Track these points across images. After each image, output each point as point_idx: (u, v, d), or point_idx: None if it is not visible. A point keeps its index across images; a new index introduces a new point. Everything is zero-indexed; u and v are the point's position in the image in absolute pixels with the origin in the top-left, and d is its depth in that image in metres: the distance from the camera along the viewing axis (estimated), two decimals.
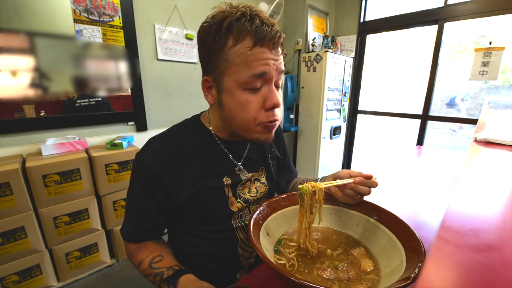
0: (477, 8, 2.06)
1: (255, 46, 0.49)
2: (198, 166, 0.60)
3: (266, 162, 0.72)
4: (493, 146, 0.68)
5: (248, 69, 0.50)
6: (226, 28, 0.49)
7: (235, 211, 0.64)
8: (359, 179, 0.56)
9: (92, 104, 1.64)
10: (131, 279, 1.53)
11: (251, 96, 0.52)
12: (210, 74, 0.55)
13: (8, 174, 1.18)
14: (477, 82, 2.54)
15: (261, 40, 0.49)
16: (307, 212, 0.53)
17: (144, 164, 0.58)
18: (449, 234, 0.28)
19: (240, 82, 0.51)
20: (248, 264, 0.68)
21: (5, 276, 1.26)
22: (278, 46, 0.52)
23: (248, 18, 0.49)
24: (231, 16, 0.49)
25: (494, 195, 0.41)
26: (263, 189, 0.70)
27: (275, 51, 0.52)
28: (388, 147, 4.03)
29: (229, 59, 0.50)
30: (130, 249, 0.63)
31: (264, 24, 0.49)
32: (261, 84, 0.52)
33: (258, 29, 0.48)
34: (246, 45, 0.49)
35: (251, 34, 0.49)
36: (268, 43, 0.50)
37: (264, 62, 0.50)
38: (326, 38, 2.59)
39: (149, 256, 0.60)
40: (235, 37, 0.49)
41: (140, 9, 1.75)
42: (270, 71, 0.51)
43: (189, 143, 0.61)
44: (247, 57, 0.49)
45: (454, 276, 0.22)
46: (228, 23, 0.49)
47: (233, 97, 0.53)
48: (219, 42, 0.50)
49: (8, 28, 1.29)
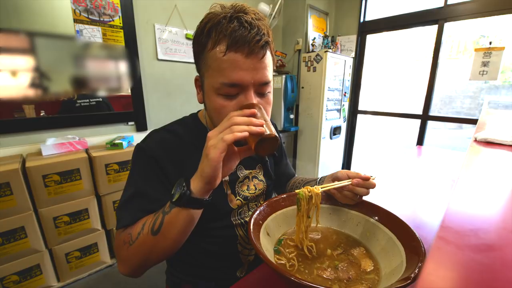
0: (477, 8, 2.06)
1: (229, 51, 0.46)
2: (195, 162, 0.60)
3: (263, 160, 0.73)
4: (493, 146, 0.68)
5: (220, 76, 0.48)
6: (207, 31, 0.48)
7: (235, 208, 0.64)
8: (356, 181, 0.56)
9: (92, 104, 1.64)
10: (131, 279, 1.53)
11: (226, 101, 0.50)
12: (198, 74, 0.56)
13: (8, 174, 1.18)
14: (477, 82, 2.54)
15: (235, 44, 0.45)
16: (304, 216, 0.53)
17: (143, 149, 0.56)
18: (449, 234, 0.28)
19: (214, 87, 0.50)
20: (248, 261, 0.68)
21: (5, 276, 1.26)
22: (257, 52, 0.47)
23: (227, 21, 0.46)
24: (214, 18, 0.47)
25: (494, 195, 0.41)
26: (261, 186, 0.70)
27: (253, 57, 0.47)
28: (388, 147, 4.03)
29: (207, 63, 0.49)
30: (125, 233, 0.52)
31: (242, 26, 0.46)
32: (236, 92, 0.50)
33: (233, 33, 0.45)
34: (220, 50, 0.46)
35: (226, 38, 0.46)
36: (243, 48, 0.46)
37: (237, 69, 0.47)
38: (326, 38, 2.59)
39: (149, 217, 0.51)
40: (213, 40, 0.47)
41: (140, 9, 1.75)
42: (244, 81, 0.48)
43: (188, 137, 0.61)
44: (220, 62, 0.47)
45: (454, 276, 0.22)
46: (210, 26, 0.47)
47: (210, 100, 0.52)
48: (201, 44, 0.49)
49: (8, 28, 1.29)
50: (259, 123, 0.44)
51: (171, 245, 0.49)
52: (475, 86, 2.69)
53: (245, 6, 0.50)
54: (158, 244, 0.48)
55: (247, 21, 0.46)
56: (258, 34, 0.47)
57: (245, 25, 0.46)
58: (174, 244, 0.49)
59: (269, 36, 0.50)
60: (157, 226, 0.47)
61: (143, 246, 0.48)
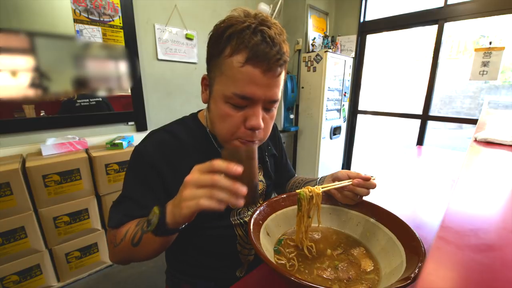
0: (477, 8, 2.06)
1: (247, 64, 0.46)
2: (195, 162, 0.60)
3: (263, 160, 0.73)
4: (493, 146, 0.68)
5: (233, 86, 0.48)
6: (228, 37, 0.47)
7: (234, 208, 0.64)
8: (357, 181, 0.56)
9: (92, 104, 1.64)
10: (131, 279, 1.53)
11: (233, 111, 0.50)
12: (208, 74, 0.55)
13: (8, 174, 1.18)
14: (477, 82, 2.54)
15: (255, 58, 0.45)
16: (304, 216, 0.53)
17: (141, 154, 0.57)
18: (449, 234, 0.28)
19: (224, 94, 0.49)
20: (248, 261, 0.68)
21: (5, 276, 1.26)
22: (274, 70, 0.47)
23: (251, 32, 0.46)
24: (237, 25, 0.46)
25: (494, 195, 0.41)
26: (261, 186, 0.70)
27: (270, 74, 0.47)
28: (388, 147, 4.03)
29: (221, 68, 0.49)
30: (112, 233, 0.56)
31: (265, 41, 0.45)
32: (245, 104, 0.50)
33: (255, 46, 0.45)
34: (239, 60, 0.46)
35: (247, 49, 0.45)
36: (262, 64, 0.46)
37: (252, 84, 0.47)
38: (326, 38, 2.59)
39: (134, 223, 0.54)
40: (232, 48, 0.46)
41: (140, 9, 1.75)
42: (255, 96, 0.48)
43: (188, 138, 0.61)
44: (236, 73, 0.47)
45: (454, 276, 0.22)
46: (231, 32, 0.46)
47: (216, 105, 0.52)
48: (218, 48, 0.48)
49: (8, 28, 1.29)
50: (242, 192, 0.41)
51: (150, 255, 0.52)
52: (475, 86, 2.69)
53: (269, 18, 0.49)
54: (138, 254, 0.51)
55: (270, 36, 0.46)
56: (279, 52, 0.47)
57: (267, 40, 0.46)
58: (153, 254, 0.52)
59: (287, 55, 0.50)
60: (136, 239, 0.49)
61: (125, 253, 0.52)
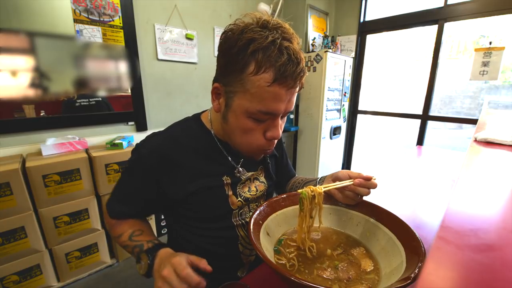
0: (477, 8, 2.06)
1: (274, 83, 0.47)
2: (197, 165, 0.61)
3: (265, 162, 0.73)
4: (493, 146, 0.68)
5: (259, 104, 0.49)
6: (252, 53, 0.46)
7: (235, 209, 0.64)
8: (358, 181, 0.56)
9: (92, 104, 1.64)
10: (131, 279, 1.53)
11: (255, 125, 0.53)
12: (223, 85, 0.53)
13: (8, 174, 1.18)
14: (477, 82, 2.54)
15: (283, 79, 0.46)
16: (306, 216, 0.53)
17: (140, 155, 0.59)
18: (449, 234, 0.28)
19: (248, 111, 0.50)
20: (249, 261, 0.69)
21: (5, 276, 1.26)
22: (297, 86, 0.50)
23: (276, 49, 0.46)
24: (260, 40, 0.46)
25: (494, 195, 0.41)
26: (262, 187, 0.71)
27: (293, 90, 0.50)
28: (388, 147, 4.03)
29: (245, 85, 0.48)
30: (111, 222, 0.65)
31: (291, 61, 0.46)
32: (267, 118, 0.52)
33: (283, 66, 0.46)
34: (266, 79, 0.46)
35: (274, 69, 0.46)
36: (289, 82, 0.48)
37: (278, 101, 0.49)
38: (326, 38, 2.59)
39: (128, 230, 0.61)
40: (257, 65, 0.46)
41: (140, 9, 1.75)
42: (279, 111, 0.51)
43: (190, 141, 0.61)
44: (263, 92, 0.47)
45: (454, 276, 0.22)
46: (254, 48, 0.46)
47: (238, 119, 0.53)
48: (241, 63, 0.47)
49: (8, 28, 1.29)
50: None
51: None
52: (475, 86, 2.69)
53: (286, 28, 0.49)
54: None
55: (294, 53, 0.47)
56: (302, 70, 0.48)
57: (293, 58, 0.46)
58: None
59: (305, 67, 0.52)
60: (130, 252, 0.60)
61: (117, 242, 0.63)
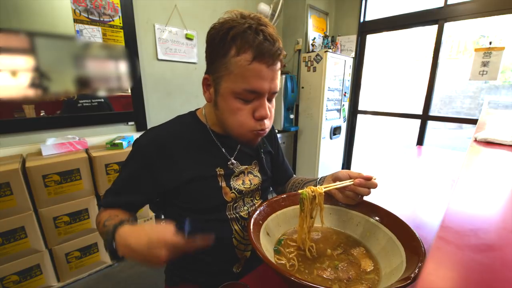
0: (477, 8, 2.06)
1: (254, 61, 0.51)
2: (192, 155, 0.63)
3: (259, 156, 0.74)
4: (493, 146, 0.68)
5: (243, 82, 0.52)
6: (231, 38, 0.51)
7: (229, 200, 0.65)
8: (359, 181, 0.56)
9: (94, 105, 1.64)
10: (131, 279, 1.53)
11: (242, 105, 0.55)
12: (211, 74, 0.57)
13: (8, 174, 1.18)
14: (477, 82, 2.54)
15: (261, 56, 0.51)
16: (307, 217, 0.53)
17: (139, 144, 0.61)
18: (449, 234, 0.28)
19: (234, 91, 0.54)
20: (244, 257, 0.69)
21: (5, 276, 1.26)
22: (276, 64, 0.54)
23: (253, 32, 0.51)
24: (238, 26, 0.51)
25: (494, 195, 0.41)
26: (256, 181, 0.71)
27: (273, 67, 0.53)
28: (388, 147, 4.03)
29: (228, 68, 0.53)
30: (98, 214, 0.63)
31: (267, 40, 0.51)
32: (253, 97, 0.55)
33: (260, 45, 0.50)
34: (246, 58, 0.51)
35: (252, 48, 0.50)
36: (268, 60, 0.51)
37: (259, 79, 0.52)
38: (326, 38, 2.59)
39: (105, 217, 0.58)
40: (237, 48, 0.51)
41: (140, 9, 1.75)
42: (263, 89, 0.54)
43: (185, 134, 0.64)
44: (245, 70, 0.51)
45: (454, 276, 0.22)
46: (234, 33, 0.51)
47: (227, 102, 0.56)
48: (223, 49, 0.52)
49: (8, 28, 1.29)
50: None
51: None
52: (475, 86, 2.68)
53: (262, 18, 0.55)
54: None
55: (270, 34, 0.52)
56: (278, 48, 0.53)
57: (269, 38, 0.52)
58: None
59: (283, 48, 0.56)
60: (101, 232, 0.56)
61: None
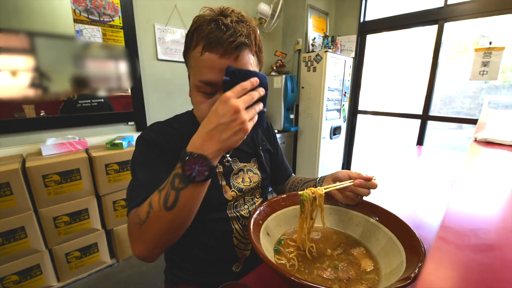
0: (477, 8, 2.06)
1: (204, 51, 0.49)
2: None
3: (257, 154, 0.74)
4: (493, 146, 0.68)
5: (199, 74, 0.52)
6: (192, 32, 0.51)
7: (230, 199, 0.65)
8: (359, 182, 0.56)
9: (94, 105, 1.64)
10: (131, 279, 1.53)
11: (203, 98, 0.54)
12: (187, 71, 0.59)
13: (8, 174, 1.18)
14: (477, 82, 2.54)
15: (210, 45, 0.48)
16: (307, 218, 0.53)
17: (143, 136, 0.60)
18: (449, 234, 0.28)
19: (194, 84, 0.54)
20: (244, 256, 0.69)
21: (5, 276, 1.26)
22: (231, 53, 0.49)
23: (207, 23, 0.49)
24: (198, 21, 0.50)
25: (494, 195, 0.41)
26: (256, 179, 0.71)
27: (227, 57, 0.49)
28: (388, 147, 4.02)
29: (190, 62, 0.55)
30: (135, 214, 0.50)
31: (218, 29, 0.48)
32: (213, 90, 0.53)
33: (210, 34, 0.48)
34: (198, 50, 0.50)
35: (203, 39, 0.49)
36: (217, 49, 0.48)
37: (211, 69, 0.50)
38: (326, 38, 2.59)
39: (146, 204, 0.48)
40: (194, 41, 0.51)
41: (140, 9, 1.75)
42: (216, 81, 0.50)
43: (183, 132, 0.64)
44: (198, 62, 0.51)
45: (454, 276, 0.22)
46: (194, 28, 0.51)
47: (193, 96, 0.57)
48: (186, 45, 0.54)
49: (8, 28, 1.29)
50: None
51: (186, 219, 0.48)
52: (475, 86, 2.68)
53: (230, 9, 0.52)
54: (175, 220, 0.46)
55: (224, 23, 0.49)
56: (232, 35, 0.48)
57: (221, 27, 0.48)
58: (188, 218, 0.49)
59: (248, 38, 0.51)
60: (170, 202, 0.45)
61: (158, 223, 0.46)
